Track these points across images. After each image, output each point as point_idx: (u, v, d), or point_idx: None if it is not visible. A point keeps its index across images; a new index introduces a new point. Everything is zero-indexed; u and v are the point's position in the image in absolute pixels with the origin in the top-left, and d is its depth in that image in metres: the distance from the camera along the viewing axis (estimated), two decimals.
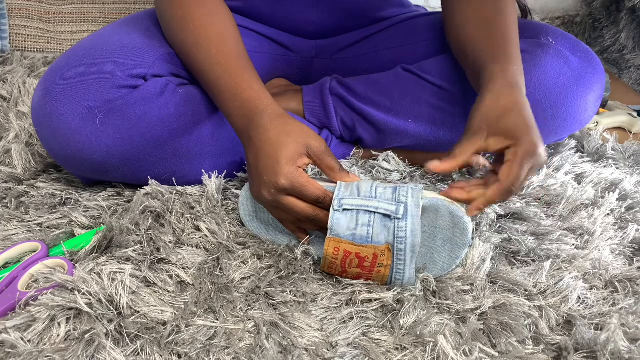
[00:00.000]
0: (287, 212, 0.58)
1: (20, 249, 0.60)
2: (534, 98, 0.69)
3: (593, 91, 0.71)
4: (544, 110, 0.70)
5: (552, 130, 0.73)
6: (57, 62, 0.66)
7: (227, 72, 0.63)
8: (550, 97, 0.69)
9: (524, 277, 0.58)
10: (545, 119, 0.71)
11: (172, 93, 0.67)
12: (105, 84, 0.63)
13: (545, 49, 0.69)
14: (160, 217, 0.65)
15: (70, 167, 0.68)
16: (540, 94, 0.69)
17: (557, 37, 0.71)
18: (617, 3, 1.29)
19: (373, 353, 0.50)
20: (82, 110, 0.63)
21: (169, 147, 0.67)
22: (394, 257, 0.55)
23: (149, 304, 0.53)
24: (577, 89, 0.70)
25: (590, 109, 0.73)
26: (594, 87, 0.71)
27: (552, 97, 0.69)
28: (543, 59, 0.69)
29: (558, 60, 0.69)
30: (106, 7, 1.24)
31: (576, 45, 0.72)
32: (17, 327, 0.50)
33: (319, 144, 0.58)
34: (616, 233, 0.67)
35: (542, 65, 0.69)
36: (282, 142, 0.57)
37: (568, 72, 0.69)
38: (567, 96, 0.70)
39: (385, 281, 0.57)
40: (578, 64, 0.70)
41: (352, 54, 0.86)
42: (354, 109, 0.78)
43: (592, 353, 0.49)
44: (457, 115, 0.73)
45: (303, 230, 0.61)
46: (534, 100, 0.69)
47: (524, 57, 0.69)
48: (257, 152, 0.58)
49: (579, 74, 0.70)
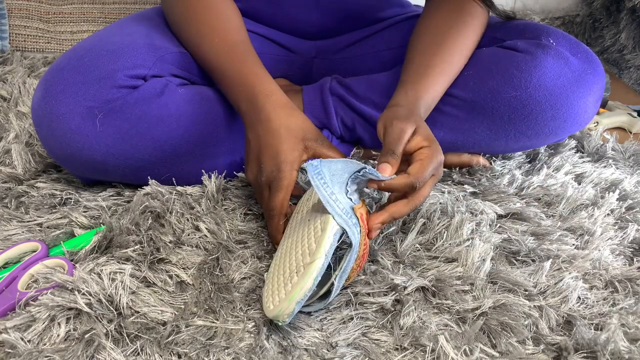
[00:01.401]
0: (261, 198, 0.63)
1: (20, 249, 0.60)
2: (533, 99, 0.69)
3: (593, 92, 0.72)
4: (543, 111, 0.70)
5: (552, 131, 0.73)
6: (57, 62, 0.66)
7: (231, 59, 0.67)
8: (550, 98, 0.69)
9: (524, 277, 0.58)
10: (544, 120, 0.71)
11: (172, 93, 0.67)
12: (105, 84, 0.63)
13: (545, 50, 0.69)
14: (160, 217, 0.65)
15: (69, 167, 0.68)
16: (540, 94, 0.69)
17: (557, 38, 0.71)
18: (617, 3, 1.29)
19: (373, 353, 0.50)
20: (82, 110, 0.63)
21: (168, 147, 0.67)
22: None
23: (149, 304, 0.53)
24: (577, 90, 0.70)
25: (590, 110, 0.73)
26: (593, 88, 0.71)
27: (552, 98, 0.69)
28: (543, 60, 0.69)
29: (558, 61, 0.69)
30: (106, 7, 1.24)
31: (576, 46, 0.72)
32: (17, 327, 0.50)
33: (316, 139, 0.61)
34: (616, 233, 0.67)
35: (543, 66, 0.69)
36: (283, 136, 0.60)
37: (568, 73, 0.69)
38: (567, 97, 0.70)
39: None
40: (578, 65, 0.70)
41: (352, 54, 0.86)
42: (354, 109, 0.78)
43: (592, 353, 0.49)
44: (457, 116, 0.73)
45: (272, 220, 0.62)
46: (534, 101, 0.69)
47: (524, 57, 0.69)
48: (258, 139, 0.61)
49: (579, 75, 0.70)
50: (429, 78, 0.68)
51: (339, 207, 0.52)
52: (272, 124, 0.61)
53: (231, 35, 0.69)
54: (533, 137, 0.74)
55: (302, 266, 0.49)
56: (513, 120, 0.72)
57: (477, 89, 0.71)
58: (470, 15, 0.72)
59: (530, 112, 0.70)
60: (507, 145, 0.76)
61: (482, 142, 0.76)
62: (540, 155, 0.83)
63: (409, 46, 0.74)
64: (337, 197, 0.52)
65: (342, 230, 0.51)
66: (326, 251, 0.49)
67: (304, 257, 0.50)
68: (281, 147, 0.60)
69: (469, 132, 0.75)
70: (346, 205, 0.53)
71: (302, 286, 0.48)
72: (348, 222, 0.52)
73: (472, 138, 0.75)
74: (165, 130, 0.66)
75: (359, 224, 0.53)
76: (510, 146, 0.77)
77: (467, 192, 0.74)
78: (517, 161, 0.82)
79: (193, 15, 0.70)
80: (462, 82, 0.72)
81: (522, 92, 0.69)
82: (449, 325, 0.53)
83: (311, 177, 0.52)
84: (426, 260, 0.61)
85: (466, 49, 0.72)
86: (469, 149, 0.78)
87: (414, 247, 0.63)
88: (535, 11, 1.49)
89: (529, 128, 0.72)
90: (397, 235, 0.64)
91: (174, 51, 0.70)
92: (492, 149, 0.78)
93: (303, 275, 0.49)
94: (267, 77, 0.66)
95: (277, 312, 0.49)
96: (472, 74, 0.72)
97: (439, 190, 0.74)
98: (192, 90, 0.69)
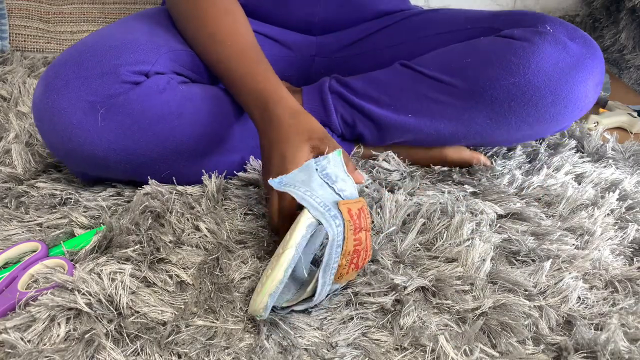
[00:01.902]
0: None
1: (20, 249, 0.60)
2: (532, 85, 0.69)
3: (593, 76, 0.71)
4: (543, 96, 0.70)
5: (553, 117, 0.73)
6: (59, 58, 0.66)
7: (242, 64, 0.68)
8: (549, 84, 0.69)
9: (524, 277, 0.58)
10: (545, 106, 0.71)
11: (174, 90, 0.67)
12: (107, 79, 0.63)
13: (543, 36, 0.70)
14: (160, 217, 0.65)
15: (70, 163, 0.68)
16: (539, 80, 0.69)
17: (554, 24, 0.72)
18: (617, 3, 1.29)
19: (373, 353, 0.50)
20: (83, 105, 0.63)
21: (169, 143, 0.67)
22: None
23: (149, 304, 0.53)
24: (577, 75, 0.70)
25: (590, 94, 0.73)
26: (594, 72, 0.71)
27: (552, 83, 0.69)
28: (541, 45, 0.69)
29: (556, 47, 0.69)
30: (106, 7, 1.24)
31: (574, 31, 0.72)
32: (17, 327, 0.50)
33: (322, 138, 0.61)
34: (616, 233, 0.67)
35: (540, 52, 0.69)
36: (291, 139, 0.61)
37: (567, 58, 0.69)
38: (567, 82, 0.70)
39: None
40: (577, 50, 0.70)
41: (352, 52, 0.87)
42: (353, 105, 0.78)
43: (592, 353, 0.49)
44: (456, 107, 0.73)
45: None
46: (533, 87, 0.69)
47: (521, 44, 0.70)
48: (270, 146, 0.62)
49: (577, 59, 0.70)
50: None
51: (315, 200, 0.52)
52: (282, 129, 0.61)
53: (243, 39, 0.70)
54: (535, 125, 0.74)
55: (276, 258, 0.50)
56: (513, 108, 0.71)
57: (476, 77, 0.71)
58: None
59: (530, 98, 0.70)
60: (508, 134, 0.76)
61: (483, 132, 0.76)
62: (540, 155, 0.83)
63: None
64: (313, 193, 0.52)
65: (318, 223, 0.51)
66: (297, 243, 0.49)
67: (279, 251, 0.51)
68: (288, 150, 0.60)
69: (469, 122, 0.74)
70: (326, 199, 0.52)
71: (274, 278, 0.48)
72: (325, 215, 0.51)
73: (473, 129, 0.75)
74: (167, 127, 0.66)
75: (341, 217, 0.52)
76: (512, 135, 0.76)
77: (467, 192, 0.74)
78: (517, 161, 0.82)
79: (203, 15, 0.71)
80: (460, 71, 0.72)
81: (520, 78, 0.69)
82: (449, 325, 0.53)
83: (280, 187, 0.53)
84: (426, 260, 0.61)
85: None
86: (470, 140, 0.78)
87: (414, 247, 0.63)
88: (535, 11, 1.49)
89: (529, 115, 0.72)
90: (397, 235, 0.64)
91: (177, 49, 0.70)
92: (494, 140, 0.78)
93: (274, 267, 0.49)
94: (277, 83, 0.66)
95: (254, 306, 0.49)
96: (470, 62, 0.72)
97: (439, 190, 0.74)
98: (194, 88, 0.69)
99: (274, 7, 0.82)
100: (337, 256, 0.51)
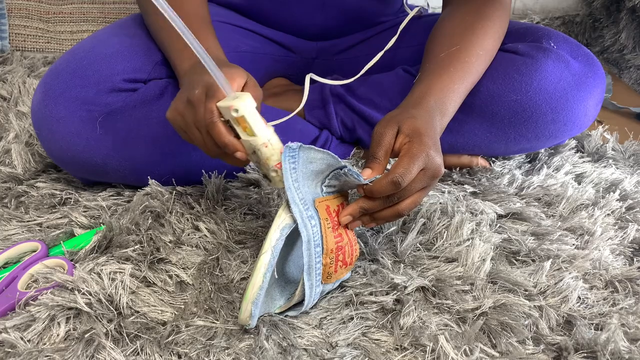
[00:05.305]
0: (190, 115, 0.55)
1: (20, 249, 0.60)
2: (534, 102, 0.69)
3: (593, 95, 0.72)
4: (544, 114, 0.70)
5: (552, 134, 0.73)
6: (56, 64, 0.66)
7: (171, 34, 0.62)
8: (550, 102, 0.69)
9: (524, 277, 0.58)
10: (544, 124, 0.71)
11: (172, 94, 0.67)
12: (104, 88, 0.63)
13: (546, 53, 0.69)
14: (160, 217, 0.65)
15: (70, 169, 0.68)
16: (540, 98, 0.69)
17: (558, 41, 0.71)
18: (617, 3, 1.29)
19: (373, 353, 0.50)
20: (81, 114, 0.63)
21: (168, 148, 0.67)
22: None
23: (149, 304, 0.53)
24: (578, 94, 0.70)
25: (590, 113, 0.73)
26: (594, 91, 0.71)
27: (553, 102, 0.69)
28: (544, 63, 0.69)
29: (559, 65, 0.69)
30: (106, 7, 1.24)
31: (577, 49, 0.72)
32: (16, 327, 0.50)
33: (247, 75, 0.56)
34: (616, 233, 0.67)
35: (543, 70, 0.69)
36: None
37: (569, 77, 0.69)
38: (567, 101, 0.70)
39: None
40: (579, 69, 0.70)
41: (353, 55, 0.86)
42: (354, 110, 0.78)
43: (592, 353, 0.49)
44: (457, 119, 0.73)
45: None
46: (534, 105, 0.69)
47: (524, 61, 0.69)
48: (191, 79, 0.56)
49: (579, 78, 0.70)
50: (442, 77, 0.64)
51: (299, 196, 0.50)
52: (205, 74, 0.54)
53: (187, 7, 0.66)
54: (533, 140, 0.74)
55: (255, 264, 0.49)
56: (513, 124, 0.72)
57: (478, 91, 0.71)
58: (488, 17, 0.69)
59: (531, 115, 0.70)
60: (507, 147, 0.76)
61: (482, 144, 0.76)
62: (540, 155, 0.83)
63: (424, 51, 0.72)
64: (300, 187, 0.51)
65: (293, 224, 0.50)
66: (272, 246, 0.48)
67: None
68: (216, 71, 0.51)
69: (469, 135, 0.75)
70: (308, 196, 0.51)
71: (253, 284, 0.48)
72: (302, 214, 0.50)
73: (472, 140, 0.75)
74: (166, 130, 0.66)
75: (317, 217, 0.51)
76: (510, 148, 0.77)
77: (467, 192, 0.74)
78: (517, 161, 0.82)
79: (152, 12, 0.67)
80: None
81: (522, 96, 0.69)
82: (449, 325, 0.53)
83: (284, 159, 0.50)
84: (426, 260, 0.61)
85: (484, 50, 0.68)
86: (469, 151, 0.78)
87: (414, 246, 0.63)
88: (535, 11, 1.49)
89: (529, 131, 0.72)
90: (397, 235, 0.64)
91: None
92: (492, 151, 0.78)
93: (253, 273, 0.48)
94: (214, 43, 0.63)
95: (240, 316, 0.49)
96: None
97: (439, 190, 0.74)
98: None
99: (275, 13, 0.82)
100: (319, 256, 0.50)
